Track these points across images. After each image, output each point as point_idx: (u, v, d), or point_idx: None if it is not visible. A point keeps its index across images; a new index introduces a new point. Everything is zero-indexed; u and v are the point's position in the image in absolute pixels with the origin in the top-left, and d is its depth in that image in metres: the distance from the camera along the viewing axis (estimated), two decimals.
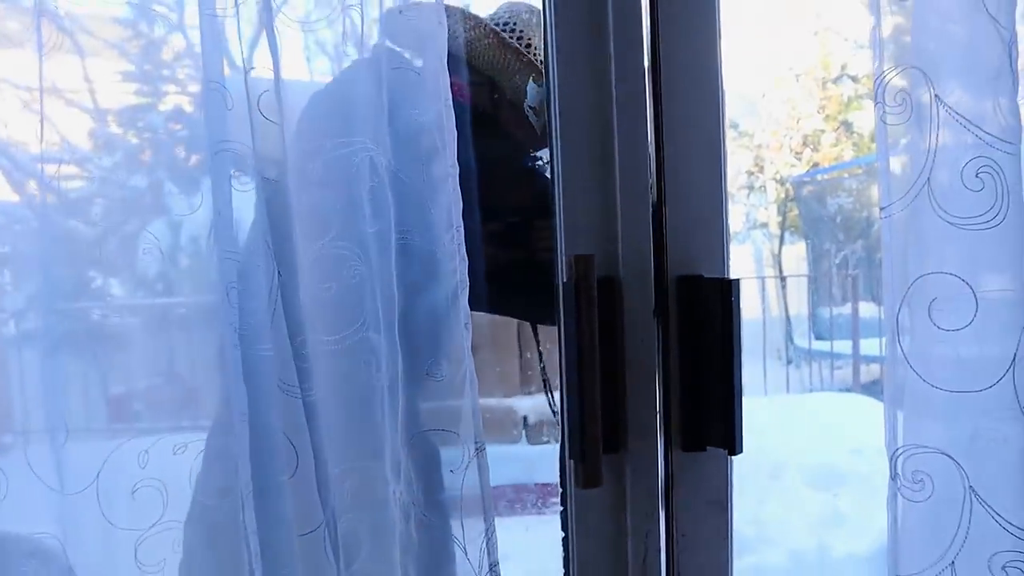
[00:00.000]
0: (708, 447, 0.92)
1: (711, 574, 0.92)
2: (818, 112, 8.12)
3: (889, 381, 0.79)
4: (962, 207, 0.71)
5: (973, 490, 0.77)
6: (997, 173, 0.69)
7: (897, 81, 0.75)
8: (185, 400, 0.90)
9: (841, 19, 8.01)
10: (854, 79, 8.02)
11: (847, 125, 8.16)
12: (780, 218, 8.32)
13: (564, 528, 0.97)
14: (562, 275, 0.83)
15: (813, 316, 6.82)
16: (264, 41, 0.81)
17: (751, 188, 8.61)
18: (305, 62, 0.92)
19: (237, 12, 0.80)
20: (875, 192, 2.14)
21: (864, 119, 8.06)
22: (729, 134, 1.41)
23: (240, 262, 0.80)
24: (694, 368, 0.91)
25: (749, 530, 3.00)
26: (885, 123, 0.76)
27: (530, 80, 1.21)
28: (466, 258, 0.81)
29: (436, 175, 0.81)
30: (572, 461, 0.82)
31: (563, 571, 0.97)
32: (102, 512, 0.80)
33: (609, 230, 0.88)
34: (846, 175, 7.65)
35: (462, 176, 0.81)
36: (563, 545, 0.98)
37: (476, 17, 1.21)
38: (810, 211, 7.68)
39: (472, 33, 1.19)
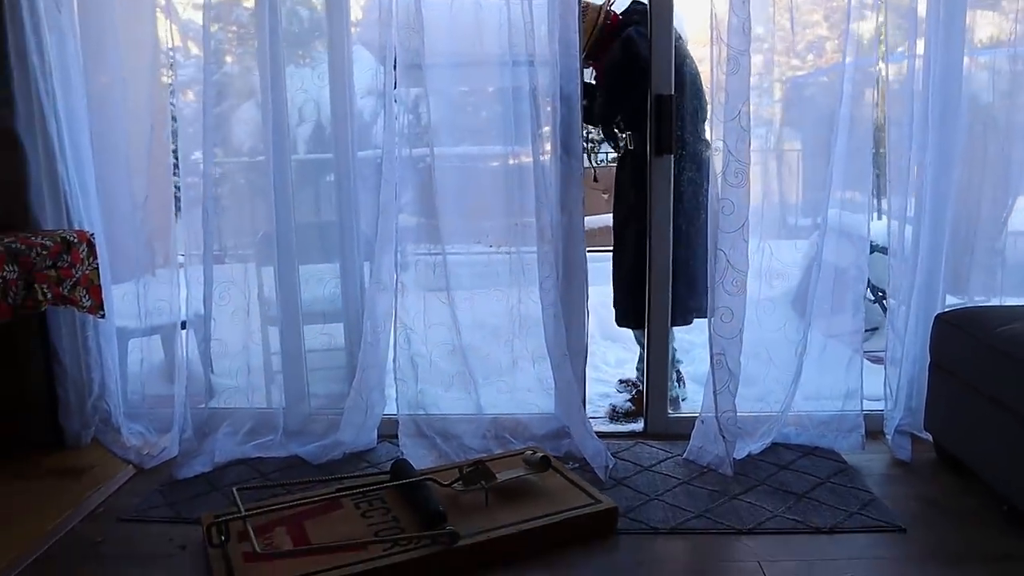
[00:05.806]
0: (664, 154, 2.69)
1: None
2: (824, 20, 9.16)
3: None
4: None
5: None
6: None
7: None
8: None
9: None
10: None
11: (848, 33, 9.17)
12: (782, 114, 9.54)
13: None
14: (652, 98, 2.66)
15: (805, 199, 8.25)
16: None
17: (760, 89, 9.80)
18: None
19: None
20: (868, 94, 2.97)
21: (863, 27, 9.01)
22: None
23: None
24: (659, 126, 2.67)
25: None
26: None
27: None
28: None
29: None
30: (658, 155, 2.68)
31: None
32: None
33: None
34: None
35: None
36: None
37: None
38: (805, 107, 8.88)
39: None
